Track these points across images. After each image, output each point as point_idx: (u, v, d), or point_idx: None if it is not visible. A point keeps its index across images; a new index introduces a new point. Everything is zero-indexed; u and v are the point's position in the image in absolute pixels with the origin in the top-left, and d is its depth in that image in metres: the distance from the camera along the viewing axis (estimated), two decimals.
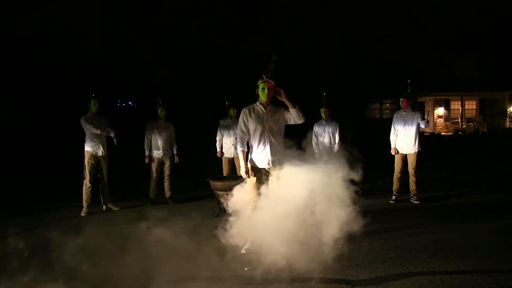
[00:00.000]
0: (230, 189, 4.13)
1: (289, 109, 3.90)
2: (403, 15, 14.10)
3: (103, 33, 12.51)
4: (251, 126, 3.96)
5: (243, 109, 4.05)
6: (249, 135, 4.00)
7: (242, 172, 3.93)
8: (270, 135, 3.93)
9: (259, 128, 3.94)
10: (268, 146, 3.92)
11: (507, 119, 22.38)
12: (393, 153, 6.50)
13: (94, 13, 12.32)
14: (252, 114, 3.98)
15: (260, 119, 3.95)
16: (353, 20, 13.06)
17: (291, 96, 3.92)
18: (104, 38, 12.52)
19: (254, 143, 3.97)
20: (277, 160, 3.85)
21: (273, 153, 3.91)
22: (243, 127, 3.99)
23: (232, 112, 6.91)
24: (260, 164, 3.94)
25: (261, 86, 3.94)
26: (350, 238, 3.70)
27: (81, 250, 3.89)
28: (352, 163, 3.59)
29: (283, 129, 4.05)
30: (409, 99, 6.40)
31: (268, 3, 13.51)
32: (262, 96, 3.94)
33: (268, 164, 3.91)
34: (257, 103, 4.03)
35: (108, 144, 6.21)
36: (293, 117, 3.90)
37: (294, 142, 3.91)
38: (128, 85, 13.50)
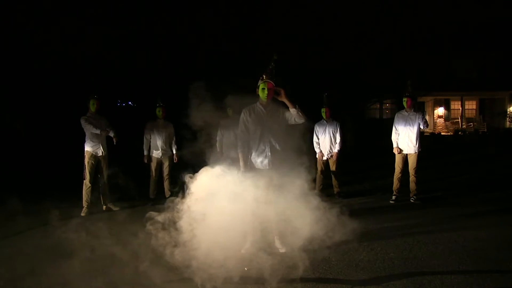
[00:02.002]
0: None
1: (289, 109, 3.89)
2: (402, 15, 14.11)
3: (103, 33, 12.50)
4: (251, 126, 3.95)
5: (244, 110, 4.03)
6: (250, 135, 3.99)
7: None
8: (270, 136, 3.91)
9: (259, 129, 3.92)
10: (268, 147, 3.90)
11: (507, 119, 22.39)
12: (395, 152, 6.48)
13: (94, 13, 12.31)
14: (252, 114, 3.96)
15: (260, 120, 3.93)
16: (352, 20, 13.06)
17: (290, 96, 3.91)
18: (104, 37, 12.50)
19: (254, 144, 3.95)
20: (277, 161, 3.84)
21: (273, 154, 3.89)
22: (244, 128, 3.98)
23: (229, 112, 6.88)
24: (260, 165, 3.93)
25: (261, 86, 3.92)
26: (350, 238, 3.69)
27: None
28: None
29: (284, 130, 4.00)
30: (412, 98, 6.41)
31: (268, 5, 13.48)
32: (262, 96, 3.93)
33: (268, 165, 3.90)
34: (257, 103, 4.01)
35: (108, 144, 6.22)
36: (293, 117, 3.89)
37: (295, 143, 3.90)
38: (128, 86, 13.48)
